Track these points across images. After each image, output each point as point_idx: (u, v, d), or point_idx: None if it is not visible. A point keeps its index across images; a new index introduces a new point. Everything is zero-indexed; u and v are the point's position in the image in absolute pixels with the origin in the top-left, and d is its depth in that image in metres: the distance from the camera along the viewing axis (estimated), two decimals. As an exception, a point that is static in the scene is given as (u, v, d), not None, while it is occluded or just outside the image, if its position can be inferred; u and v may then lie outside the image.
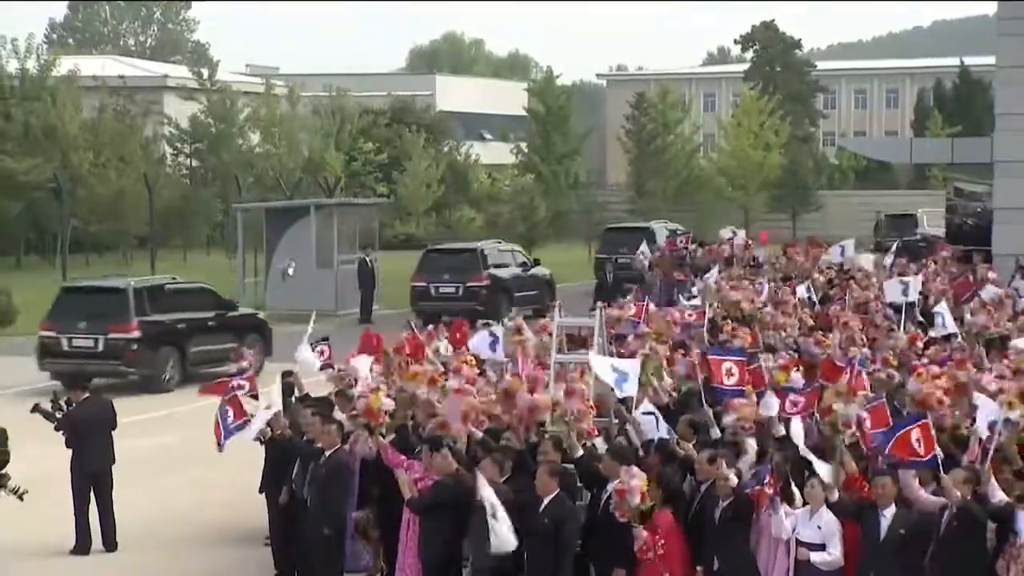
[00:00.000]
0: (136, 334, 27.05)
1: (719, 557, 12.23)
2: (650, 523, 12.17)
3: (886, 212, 59.50)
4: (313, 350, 16.71)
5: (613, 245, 43.54)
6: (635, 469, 12.17)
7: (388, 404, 13.92)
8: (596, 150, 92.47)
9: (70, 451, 16.70)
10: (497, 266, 38.60)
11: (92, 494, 16.74)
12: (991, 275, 27.14)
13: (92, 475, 16.67)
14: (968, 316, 20.51)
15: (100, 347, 27.02)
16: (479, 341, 17.48)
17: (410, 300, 38.07)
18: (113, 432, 16.97)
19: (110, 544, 16.78)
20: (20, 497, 15.71)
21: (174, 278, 31.22)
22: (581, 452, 13.13)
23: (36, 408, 16.69)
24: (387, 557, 14.02)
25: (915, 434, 11.98)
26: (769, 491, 11.93)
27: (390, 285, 41.07)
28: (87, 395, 16.94)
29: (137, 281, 28.80)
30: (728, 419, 13.62)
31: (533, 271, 40.21)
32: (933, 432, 12.02)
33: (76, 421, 16.62)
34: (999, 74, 39.20)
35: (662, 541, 12.13)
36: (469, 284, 37.23)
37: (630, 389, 13.92)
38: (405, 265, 41.05)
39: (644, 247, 36.15)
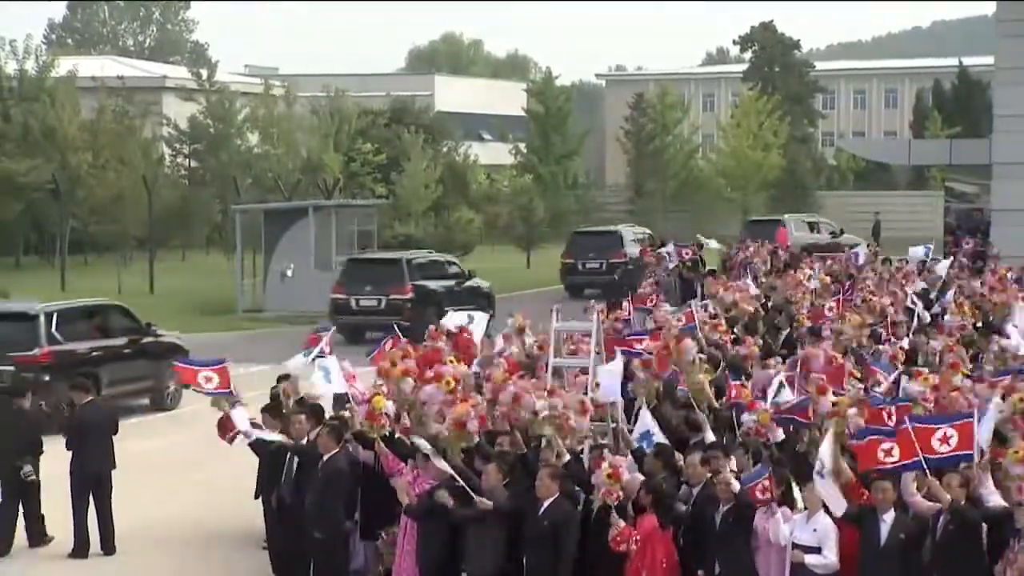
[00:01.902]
0: (411, 295, 33.85)
1: (720, 560, 12.27)
2: (632, 521, 12.24)
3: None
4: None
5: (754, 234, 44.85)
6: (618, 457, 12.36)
7: (390, 407, 13.90)
8: (595, 151, 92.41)
9: (70, 453, 16.70)
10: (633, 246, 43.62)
11: (91, 497, 16.74)
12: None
13: (92, 478, 16.63)
14: (947, 317, 20.31)
15: (383, 305, 33.69)
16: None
17: (560, 275, 43.20)
18: (114, 436, 16.96)
19: (108, 547, 16.76)
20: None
21: (430, 251, 40.15)
22: (568, 458, 13.00)
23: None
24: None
25: (885, 444, 11.96)
26: (765, 495, 11.95)
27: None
28: (89, 398, 16.98)
29: (409, 254, 37.05)
30: (747, 417, 13.67)
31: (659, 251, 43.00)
32: (913, 437, 12.00)
33: (78, 423, 16.67)
34: (997, 75, 39.30)
35: (637, 537, 12.16)
36: (611, 260, 42.80)
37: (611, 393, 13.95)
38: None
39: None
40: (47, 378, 22.48)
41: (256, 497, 15.95)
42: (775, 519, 11.99)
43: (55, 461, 16.78)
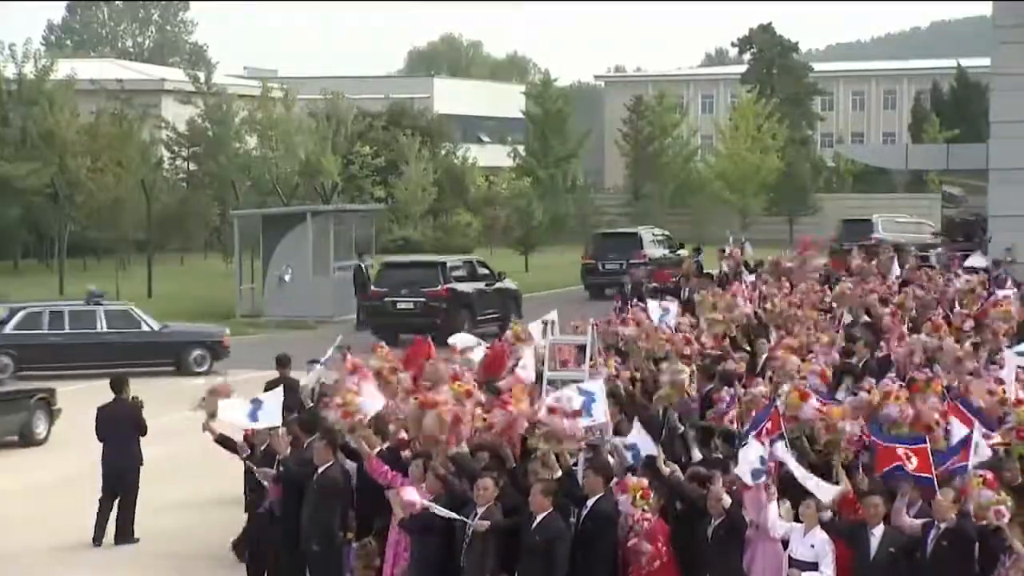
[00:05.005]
0: (645, 261, 42.59)
1: (711, 575, 12.31)
2: (650, 533, 12.28)
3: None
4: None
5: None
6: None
7: (365, 407, 13.82)
8: (594, 153, 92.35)
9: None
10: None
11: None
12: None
13: (114, 474, 17.59)
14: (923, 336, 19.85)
15: (623, 269, 41.12)
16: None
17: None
18: (139, 435, 17.83)
19: (125, 538, 17.50)
20: None
21: (652, 227, 50.93)
22: (560, 473, 12.92)
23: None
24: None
25: (902, 450, 12.04)
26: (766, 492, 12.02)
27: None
28: (114, 396, 17.96)
29: (643, 229, 48.32)
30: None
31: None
32: (931, 458, 12.06)
33: (98, 421, 17.89)
34: (995, 81, 39.29)
35: (664, 547, 12.28)
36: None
37: (599, 413, 13.66)
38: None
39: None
40: (445, 306, 33.63)
41: (246, 511, 16.00)
42: (768, 508, 12.02)
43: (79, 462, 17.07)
